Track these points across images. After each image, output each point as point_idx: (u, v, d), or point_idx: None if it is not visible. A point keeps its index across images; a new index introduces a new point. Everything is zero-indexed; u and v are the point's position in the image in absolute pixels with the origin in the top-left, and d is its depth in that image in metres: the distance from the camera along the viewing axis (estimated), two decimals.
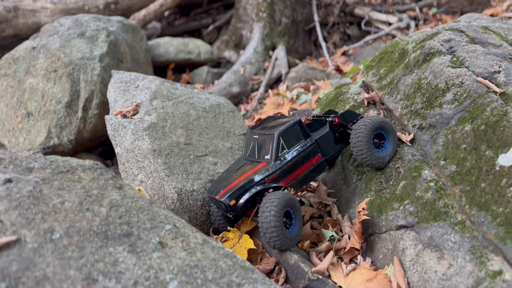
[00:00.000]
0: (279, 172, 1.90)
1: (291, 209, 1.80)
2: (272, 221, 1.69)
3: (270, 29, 4.98)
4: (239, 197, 1.85)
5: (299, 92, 3.74)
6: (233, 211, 1.87)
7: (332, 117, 2.12)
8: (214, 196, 1.92)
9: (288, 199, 1.75)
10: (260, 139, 1.98)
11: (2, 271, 1.17)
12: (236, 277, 1.44)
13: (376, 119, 2.02)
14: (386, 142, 2.07)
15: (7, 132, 3.05)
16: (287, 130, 1.94)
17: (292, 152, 1.94)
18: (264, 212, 1.71)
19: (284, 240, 1.74)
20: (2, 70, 3.26)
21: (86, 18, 3.47)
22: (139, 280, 1.30)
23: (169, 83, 2.78)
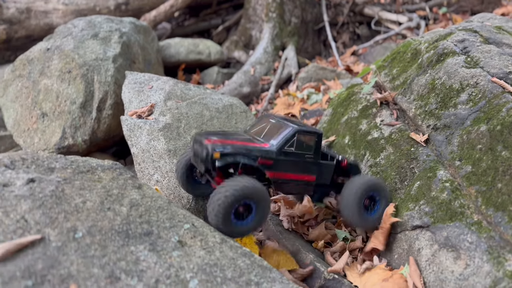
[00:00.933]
0: (274, 162, 1.78)
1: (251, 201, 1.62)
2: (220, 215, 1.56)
3: (280, 29, 4.99)
4: (227, 155, 1.68)
5: (309, 92, 3.75)
6: (209, 162, 1.67)
7: (342, 157, 2.08)
8: (202, 139, 1.75)
9: (247, 191, 1.56)
10: (275, 125, 1.91)
11: (28, 269, 1.20)
12: (254, 276, 1.45)
13: (369, 181, 1.91)
14: (376, 205, 1.97)
15: (22, 132, 3.09)
16: (306, 133, 1.86)
17: (296, 154, 1.84)
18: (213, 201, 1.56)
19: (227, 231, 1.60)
20: (17, 71, 3.30)
21: (99, 20, 3.51)
22: (160, 278, 1.32)
23: (182, 84, 2.81)
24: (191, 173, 1.93)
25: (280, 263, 1.86)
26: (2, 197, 1.37)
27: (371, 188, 1.90)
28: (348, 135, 2.62)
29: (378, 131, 2.42)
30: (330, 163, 2.00)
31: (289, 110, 3.59)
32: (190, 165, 1.93)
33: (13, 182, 1.43)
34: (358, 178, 1.93)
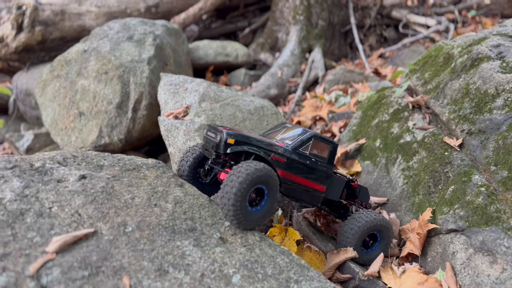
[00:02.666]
0: (287, 161, 1.75)
1: (263, 185, 1.56)
2: (232, 199, 1.47)
3: (307, 32, 5.02)
4: (241, 144, 1.66)
5: (337, 95, 3.77)
6: (222, 147, 1.63)
7: (353, 179, 2.06)
8: (217, 126, 1.71)
9: (260, 174, 1.50)
10: (291, 128, 1.92)
11: (84, 260, 1.27)
12: (293, 274, 1.50)
13: (373, 219, 1.86)
14: (376, 244, 1.94)
15: (59, 130, 3.22)
16: (323, 140, 1.86)
17: (309, 159, 1.81)
18: (227, 185, 1.49)
19: (242, 221, 1.55)
20: (55, 71, 3.43)
21: (133, 22, 3.61)
22: (205, 272, 1.38)
23: (215, 85, 2.87)
24: (194, 174, 1.89)
25: (314, 263, 1.90)
26: (57, 192, 1.45)
27: (375, 228, 1.87)
28: (379, 138, 2.64)
29: (411, 135, 2.44)
30: (342, 178, 2.00)
31: (317, 112, 3.62)
32: (194, 166, 1.88)
33: (67, 178, 1.52)
34: (364, 214, 1.88)
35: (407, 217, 2.15)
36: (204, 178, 1.92)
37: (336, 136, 3.18)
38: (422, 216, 1.97)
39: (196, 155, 1.88)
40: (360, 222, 1.85)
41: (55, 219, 1.36)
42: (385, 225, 1.89)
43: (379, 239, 1.92)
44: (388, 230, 1.92)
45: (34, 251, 1.25)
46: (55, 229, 1.33)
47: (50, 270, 1.21)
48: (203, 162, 1.90)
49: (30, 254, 1.24)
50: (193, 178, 1.88)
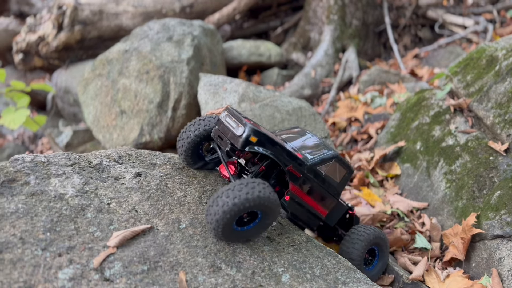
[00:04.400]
0: (302, 176, 1.59)
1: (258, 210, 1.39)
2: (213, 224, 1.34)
3: (341, 32, 5.00)
4: (262, 145, 1.48)
5: (373, 96, 3.74)
6: (241, 143, 1.45)
7: (352, 206, 1.94)
8: (240, 115, 1.52)
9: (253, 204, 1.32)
10: (314, 141, 1.76)
11: (143, 255, 1.33)
12: (341, 275, 1.52)
13: (372, 232, 1.77)
14: (375, 260, 1.84)
15: (101, 128, 3.33)
16: (342, 163, 1.71)
17: (323, 180, 1.66)
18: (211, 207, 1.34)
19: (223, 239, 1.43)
20: (97, 70, 3.55)
21: (172, 23, 3.69)
22: (256, 270, 1.42)
23: (254, 86, 2.91)
24: (197, 149, 1.70)
25: None
26: (115, 189, 1.52)
27: (374, 242, 1.77)
28: (419, 141, 2.61)
29: (453, 138, 2.41)
30: (344, 205, 1.85)
31: (352, 113, 3.61)
32: (200, 139, 1.66)
33: (123, 175, 1.58)
34: (361, 229, 1.78)
35: (449, 221, 2.13)
36: (206, 153, 1.75)
37: (373, 137, 3.16)
38: (466, 221, 1.95)
39: (199, 132, 1.65)
40: (362, 235, 1.75)
41: (113, 215, 1.42)
42: (383, 237, 1.81)
43: (378, 254, 1.83)
44: (386, 243, 1.83)
45: (96, 245, 1.31)
46: (114, 224, 1.40)
47: (112, 263, 1.27)
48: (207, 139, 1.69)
49: (93, 248, 1.30)
50: (195, 153, 1.70)
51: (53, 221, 1.33)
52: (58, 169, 1.51)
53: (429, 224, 2.16)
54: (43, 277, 1.17)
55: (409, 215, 2.28)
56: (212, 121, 1.68)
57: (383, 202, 2.40)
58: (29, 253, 1.22)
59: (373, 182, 2.61)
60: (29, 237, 1.26)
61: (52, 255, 1.23)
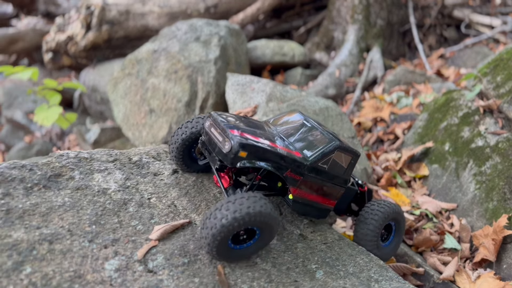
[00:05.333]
0: (303, 179, 1.48)
1: (255, 227, 1.31)
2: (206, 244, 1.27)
3: (365, 31, 4.99)
4: (255, 157, 1.35)
5: (399, 96, 3.73)
6: (230, 160, 1.33)
7: (363, 183, 1.86)
8: (225, 126, 1.38)
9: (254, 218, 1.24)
10: (312, 132, 1.59)
11: (183, 248, 1.38)
12: (373, 273, 1.54)
13: (387, 208, 1.70)
14: (391, 235, 1.79)
15: (131, 126, 3.41)
16: (346, 151, 1.56)
17: (326, 175, 1.55)
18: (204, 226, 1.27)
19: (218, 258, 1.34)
20: (126, 69, 3.64)
21: (200, 23, 3.75)
22: (290, 266, 1.46)
23: (281, 86, 2.94)
24: (188, 151, 1.63)
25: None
26: (155, 185, 1.58)
27: (390, 217, 1.71)
28: (448, 141, 2.60)
29: (483, 140, 2.39)
30: (353, 188, 1.80)
31: (378, 113, 3.60)
32: (189, 143, 1.59)
33: (162, 172, 1.64)
34: (377, 205, 1.71)
35: (479, 222, 2.12)
36: (200, 156, 1.66)
37: (399, 138, 3.16)
38: (498, 223, 1.94)
39: (186, 136, 1.57)
40: (376, 214, 1.68)
41: (154, 209, 1.48)
42: (399, 212, 1.75)
43: (394, 229, 1.79)
44: (402, 217, 1.77)
45: (138, 238, 1.37)
46: (155, 218, 1.45)
47: (155, 256, 1.32)
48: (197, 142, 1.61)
49: (136, 240, 1.36)
50: (187, 155, 1.62)
51: (98, 215, 1.40)
52: (101, 165, 1.57)
53: (458, 225, 2.15)
54: (91, 267, 1.23)
55: (437, 216, 2.27)
56: (200, 122, 1.58)
57: (411, 202, 2.40)
58: (77, 245, 1.28)
59: (400, 182, 2.61)
60: (76, 229, 1.33)
61: (99, 247, 1.29)
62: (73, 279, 1.19)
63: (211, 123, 1.46)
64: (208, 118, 1.49)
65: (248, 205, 1.24)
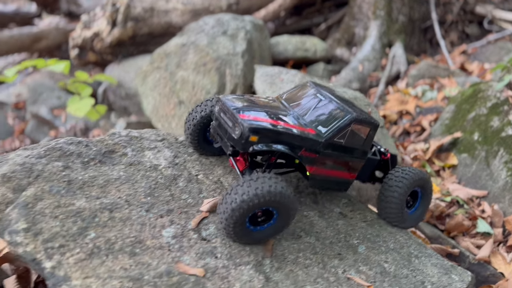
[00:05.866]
0: (319, 156, 1.44)
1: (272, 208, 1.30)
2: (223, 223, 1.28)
3: (387, 27, 5.01)
4: (265, 140, 1.33)
5: (424, 89, 3.75)
6: (241, 145, 1.33)
7: (385, 150, 1.77)
8: (233, 111, 1.37)
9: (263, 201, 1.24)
10: (326, 105, 1.51)
11: None
12: (413, 250, 1.58)
13: (412, 175, 1.63)
14: (417, 202, 1.73)
15: (160, 117, 3.50)
16: (363, 122, 1.49)
17: (344, 150, 1.49)
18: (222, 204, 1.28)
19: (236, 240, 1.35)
20: (155, 63, 3.73)
21: (226, 18, 3.83)
22: (333, 240, 1.51)
23: (309, 77, 2.99)
24: (204, 133, 1.61)
25: None
26: (201, 163, 1.64)
27: (416, 184, 1.64)
28: (477, 131, 2.63)
29: None
30: (374, 158, 1.74)
31: (403, 106, 3.63)
32: (204, 123, 1.58)
33: None
34: (401, 173, 1.63)
35: (511, 208, 2.15)
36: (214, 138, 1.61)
37: (426, 129, 3.18)
38: None
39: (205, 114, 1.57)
40: (401, 181, 1.61)
41: (202, 185, 1.55)
42: (426, 178, 1.68)
43: (420, 196, 1.72)
44: (429, 184, 1.71)
45: (190, 210, 1.44)
46: (203, 193, 1.52)
47: (207, 226, 1.39)
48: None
49: (188, 212, 1.43)
50: (202, 137, 1.62)
51: (151, 188, 1.47)
52: (150, 143, 1.65)
53: (489, 211, 2.18)
54: (150, 234, 1.30)
55: (468, 203, 2.30)
56: (209, 105, 1.57)
57: (441, 190, 2.43)
58: (135, 214, 1.36)
59: (430, 171, 2.64)
60: (133, 200, 1.40)
61: (155, 216, 1.37)
62: (134, 244, 1.26)
63: (220, 107, 1.45)
64: (217, 103, 1.47)
65: (256, 186, 1.23)
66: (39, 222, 1.25)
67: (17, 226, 1.23)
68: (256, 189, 1.22)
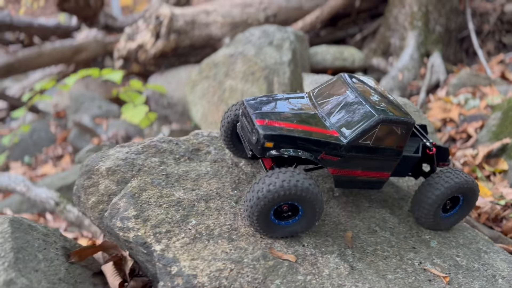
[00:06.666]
0: (342, 159, 1.40)
1: (296, 202, 1.32)
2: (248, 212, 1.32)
3: (425, 37, 5.08)
4: (282, 146, 1.34)
5: (466, 98, 3.80)
6: (258, 151, 1.36)
7: (430, 143, 1.61)
8: (253, 116, 1.38)
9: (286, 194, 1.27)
10: (354, 103, 1.44)
11: None
12: (482, 246, 1.65)
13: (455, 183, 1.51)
14: (455, 208, 1.62)
15: (209, 124, 3.65)
16: (393, 123, 1.40)
17: (372, 151, 1.43)
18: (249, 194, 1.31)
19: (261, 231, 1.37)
20: (204, 73, 3.90)
21: (271, 29, 3.98)
22: (407, 235, 1.60)
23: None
24: (236, 135, 1.62)
25: None
26: None
27: (459, 191, 1.54)
28: None
29: None
30: (413, 156, 1.61)
31: (446, 114, 3.68)
32: (233, 127, 1.61)
33: None
34: (443, 178, 1.53)
35: None
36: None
37: (472, 136, 3.23)
38: None
39: (231, 119, 1.60)
40: (438, 189, 1.51)
41: None
42: (471, 187, 1.56)
43: (461, 203, 1.61)
44: (474, 193, 1.60)
45: None
46: None
47: None
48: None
49: None
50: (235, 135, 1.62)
51: (236, 182, 1.60)
52: None
53: None
54: (242, 223, 1.43)
55: None
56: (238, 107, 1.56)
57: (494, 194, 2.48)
58: (227, 204, 1.48)
59: (480, 176, 2.69)
60: (222, 193, 1.53)
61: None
62: (230, 231, 1.39)
63: (242, 111, 1.47)
64: (241, 106, 1.49)
65: (284, 178, 1.26)
66: (146, 210, 1.39)
67: (128, 213, 1.37)
68: (283, 181, 1.26)
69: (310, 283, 1.29)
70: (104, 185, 1.51)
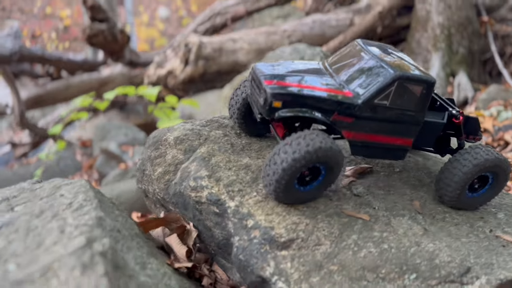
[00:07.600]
0: (356, 119, 1.32)
1: (321, 165, 1.26)
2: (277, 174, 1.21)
3: (449, 58, 5.18)
4: (291, 105, 1.27)
5: (498, 110, 3.81)
6: (266, 112, 1.28)
7: (457, 112, 1.48)
8: (261, 78, 1.31)
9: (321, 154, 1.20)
10: (369, 64, 1.37)
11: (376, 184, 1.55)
12: None
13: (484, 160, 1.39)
14: (484, 188, 1.50)
15: None
16: (411, 81, 1.31)
17: (390, 110, 1.33)
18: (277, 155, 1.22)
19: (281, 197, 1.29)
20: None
21: (301, 47, 4.11)
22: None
23: None
24: (248, 111, 1.56)
25: None
26: None
27: (488, 169, 1.42)
28: None
29: None
30: (437, 122, 1.47)
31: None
32: (247, 104, 1.55)
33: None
34: (472, 154, 1.40)
35: None
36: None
37: (509, 143, 3.21)
38: None
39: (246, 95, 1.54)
40: (466, 166, 1.39)
41: None
42: (502, 165, 1.44)
43: (491, 182, 1.49)
44: (505, 172, 1.47)
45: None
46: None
47: (356, 186, 1.50)
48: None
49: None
50: (247, 115, 1.58)
51: None
52: None
53: None
54: None
55: None
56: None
57: None
58: None
59: None
60: None
61: None
62: None
63: (252, 75, 1.40)
64: (251, 70, 1.42)
65: (307, 143, 1.19)
66: (217, 171, 1.41)
67: (200, 174, 1.39)
68: (307, 146, 1.18)
69: (387, 238, 1.27)
70: (171, 155, 1.54)
